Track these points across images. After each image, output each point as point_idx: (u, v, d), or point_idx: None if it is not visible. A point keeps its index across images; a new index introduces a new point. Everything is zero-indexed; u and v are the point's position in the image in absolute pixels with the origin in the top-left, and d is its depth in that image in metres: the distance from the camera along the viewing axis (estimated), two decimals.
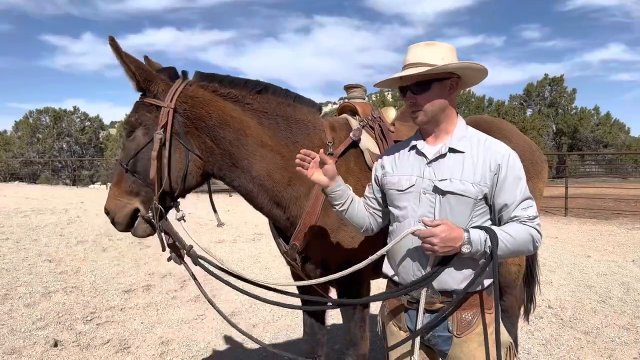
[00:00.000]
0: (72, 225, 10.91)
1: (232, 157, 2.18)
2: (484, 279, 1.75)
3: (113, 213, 2.13)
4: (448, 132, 1.81)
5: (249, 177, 2.22)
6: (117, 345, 4.20)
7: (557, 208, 13.83)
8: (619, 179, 30.32)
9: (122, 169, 2.12)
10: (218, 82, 2.23)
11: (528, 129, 29.69)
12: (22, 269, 6.80)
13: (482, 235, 1.64)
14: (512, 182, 1.71)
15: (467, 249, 1.63)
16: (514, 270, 3.13)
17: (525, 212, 1.70)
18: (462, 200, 1.71)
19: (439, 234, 1.60)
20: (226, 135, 2.15)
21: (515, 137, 3.07)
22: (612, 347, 4.09)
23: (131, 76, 2.09)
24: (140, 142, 2.09)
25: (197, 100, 2.14)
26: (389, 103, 34.05)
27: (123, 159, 2.13)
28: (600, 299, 5.43)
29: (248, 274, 2.77)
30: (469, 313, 1.78)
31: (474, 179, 1.71)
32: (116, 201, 2.12)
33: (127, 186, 2.11)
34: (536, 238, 1.70)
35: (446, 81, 1.77)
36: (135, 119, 2.11)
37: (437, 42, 1.80)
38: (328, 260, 2.34)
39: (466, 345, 1.77)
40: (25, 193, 20.87)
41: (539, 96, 39.36)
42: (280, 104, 2.33)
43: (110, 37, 2.00)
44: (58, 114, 36.19)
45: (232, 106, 2.21)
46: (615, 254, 7.82)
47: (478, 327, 1.77)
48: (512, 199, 1.70)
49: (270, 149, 2.23)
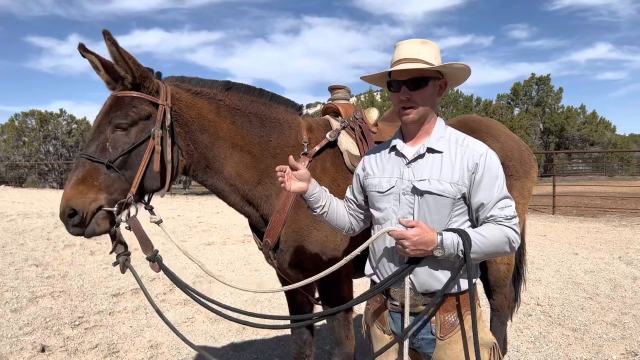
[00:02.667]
0: (59, 229, 10.76)
1: (206, 159, 2.22)
2: (467, 280, 1.73)
3: (83, 211, 1.90)
4: (428, 132, 1.82)
5: (221, 177, 2.27)
6: (106, 349, 4.15)
7: (544, 206, 13.97)
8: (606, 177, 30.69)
9: (93, 164, 1.94)
10: (188, 82, 2.28)
11: (516, 128, 29.92)
12: (9, 273, 6.70)
13: (455, 238, 1.63)
14: (488, 182, 1.70)
15: (439, 252, 1.63)
16: (503, 269, 3.14)
17: (502, 211, 1.69)
18: (440, 200, 1.71)
19: (411, 237, 1.61)
20: (204, 139, 2.20)
21: (504, 137, 3.08)
22: (600, 343, 4.13)
23: (127, 71, 2.00)
24: (138, 138, 2.00)
25: (182, 103, 2.16)
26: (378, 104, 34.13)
27: (98, 153, 1.95)
28: (587, 295, 5.48)
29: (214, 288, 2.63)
30: (451, 315, 1.77)
31: (452, 179, 1.71)
32: (84, 199, 1.90)
33: (99, 182, 1.93)
34: (512, 239, 1.68)
35: (437, 81, 1.79)
36: (134, 113, 2.01)
37: (429, 41, 1.80)
38: (302, 258, 2.37)
39: (450, 348, 1.76)
40: (12, 197, 20.60)
41: (526, 95, 39.69)
42: (253, 102, 2.39)
43: (106, 31, 1.93)
44: (44, 116, 35.72)
45: (208, 106, 2.24)
46: (602, 251, 7.91)
47: (462, 329, 1.76)
48: (489, 198, 1.69)
49: (241, 149, 2.28)
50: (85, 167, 1.94)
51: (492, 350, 1.83)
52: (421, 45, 1.77)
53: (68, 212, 1.90)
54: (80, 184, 1.91)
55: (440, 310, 1.77)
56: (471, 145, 1.76)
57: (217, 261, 7.60)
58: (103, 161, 1.94)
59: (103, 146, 1.97)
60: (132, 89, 2.04)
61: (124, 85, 2.04)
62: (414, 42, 1.79)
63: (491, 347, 1.82)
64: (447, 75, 1.83)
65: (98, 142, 1.97)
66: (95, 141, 1.97)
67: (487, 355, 1.80)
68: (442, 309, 1.77)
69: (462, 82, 1.91)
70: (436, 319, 1.77)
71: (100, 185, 1.93)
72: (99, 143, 1.97)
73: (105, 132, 1.98)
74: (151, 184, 2.05)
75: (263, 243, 2.38)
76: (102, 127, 2.00)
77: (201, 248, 8.60)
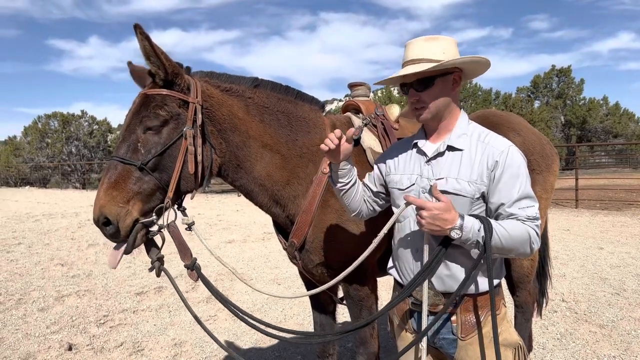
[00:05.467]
0: (83, 229, 10.98)
1: (237, 158, 2.16)
2: (488, 280, 1.66)
3: (118, 221, 1.81)
4: (449, 129, 1.78)
5: (251, 178, 2.21)
6: (131, 347, 4.22)
7: (567, 200, 13.72)
8: (630, 169, 30.04)
9: (126, 167, 1.85)
10: (217, 78, 2.21)
11: (536, 121, 29.43)
12: (35, 273, 6.86)
13: (477, 224, 1.57)
14: (508, 180, 1.64)
15: (456, 234, 1.56)
16: (527, 264, 3.09)
17: (523, 211, 1.62)
18: (457, 199, 1.66)
19: (431, 208, 1.55)
20: (235, 138, 2.13)
21: (524, 131, 3.03)
22: (629, 340, 4.04)
23: (159, 67, 1.91)
24: (170, 138, 1.92)
25: (213, 100, 2.09)
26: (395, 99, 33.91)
27: (130, 155, 1.87)
28: (614, 291, 5.37)
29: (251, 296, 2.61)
30: (472, 315, 1.74)
31: (471, 177, 1.67)
32: (119, 208, 1.81)
33: (134, 187, 1.84)
34: (533, 239, 1.62)
35: (449, 76, 1.73)
36: (166, 112, 1.92)
37: (437, 36, 1.75)
38: (328, 258, 2.34)
39: (472, 348, 1.74)
40: (36, 198, 21.06)
41: (547, 87, 39.05)
42: (280, 100, 2.33)
43: (137, 25, 1.82)
44: (66, 118, 36.39)
45: (237, 104, 2.18)
46: (628, 245, 7.74)
47: (484, 329, 1.73)
48: (509, 197, 1.63)
49: (270, 149, 2.23)
50: (118, 170, 1.85)
51: (517, 350, 1.78)
52: (426, 43, 1.73)
53: (102, 220, 1.81)
54: (113, 189, 1.82)
55: (461, 310, 1.74)
56: (492, 142, 1.71)
57: (238, 259, 7.65)
58: (135, 163, 1.85)
59: (135, 148, 1.88)
60: (163, 86, 1.95)
61: (155, 82, 1.96)
62: (418, 42, 1.75)
63: (516, 347, 1.78)
64: (463, 68, 1.77)
65: (129, 144, 1.89)
66: (126, 142, 1.89)
67: (511, 356, 1.76)
68: (464, 308, 1.74)
69: (481, 73, 1.85)
70: (457, 319, 1.74)
71: (133, 190, 1.84)
72: (130, 144, 1.89)
73: (136, 132, 1.90)
74: (185, 186, 1.98)
75: (289, 243, 2.35)
76: (133, 127, 1.91)
77: (222, 246, 8.66)
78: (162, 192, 1.91)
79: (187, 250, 1.99)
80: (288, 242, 2.35)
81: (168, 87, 1.96)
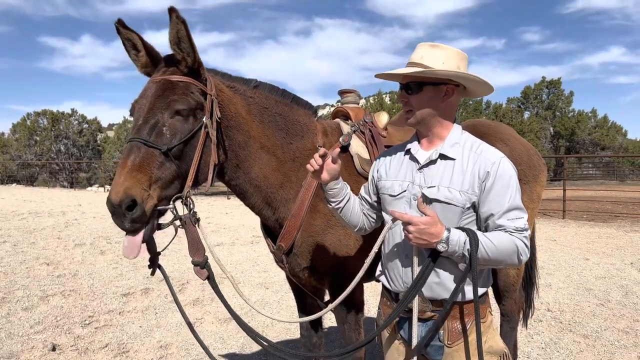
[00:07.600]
0: (70, 228, 10.87)
1: (238, 157, 2.16)
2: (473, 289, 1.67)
3: (144, 203, 1.70)
4: (442, 137, 1.79)
5: (248, 178, 2.22)
6: (116, 349, 4.18)
7: (554, 211, 13.85)
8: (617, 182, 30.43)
9: (149, 150, 1.75)
10: (222, 76, 2.22)
11: (525, 132, 29.71)
12: (20, 272, 6.77)
13: (463, 237, 1.59)
14: (499, 191, 1.65)
15: (442, 247, 1.59)
16: (513, 274, 3.12)
17: (512, 222, 1.64)
18: (448, 208, 1.68)
19: (418, 223, 1.58)
20: (238, 137, 2.14)
21: (512, 141, 3.06)
22: (612, 350, 4.09)
23: (189, 54, 1.87)
24: (193, 127, 1.87)
25: (224, 95, 2.09)
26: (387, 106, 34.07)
27: (154, 138, 1.78)
28: (599, 302, 5.43)
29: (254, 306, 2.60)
30: (459, 322, 1.75)
31: (462, 187, 1.68)
32: (143, 190, 1.70)
33: (157, 172, 1.75)
34: (521, 250, 1.63)
35: (441, 86, 1.74)
36: (193, 100, 1.87)
37: (443, 45, 1.76)
38: (315, 262, 2.36)
39: (458, 355, 1.75)
40: (23, 195, 20.82)
41: (537, 99, 39.44)
42: (278, 102, 2.36)
43: (173, 8, 1.74)
44: (56, 116, 36.06)
45: (241, 102, 2.19)
46: (613, 256, 7.83)
47: (470, 337, 1.74)
48: (499, 208, 1.65)
49: (268, 151, 2.24)
50: (141, 152, 1.74)
51: (502, 358, 1.80)
52: (428, 49, 1.75)
53: (127, 202, 1.66)
54: (138, 172, 1.71)
55: (448, 318, 1.75)
56: (484, 152, 1.73)
57: (226, 262, 7.61)
58: (161, 147, 1.76)
59: (160, 131, 1.79)
60: (186, 74, 1.91)
61: (179, 69, 1.91)
62: (424, 46, 1.77)
63: (501, 355, 1.80)
64: (465, 85, 1.79)
65: (152, 126, 1.79)
66: (149, 124, 1.79)
67: None
68: (451, 316, 1.75)
69: (483, 95, 1.89)
70: (444, 326, 1.76)
71: (156, 175, 1.75)
72: (154, 127, 1.79)
73: (163, 116, 1.81)
74: (200, 178, 1.93)
75: (276, 247, 2.36)
76: (157, 110, 1.81)
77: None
78: (179, 181, 1.84)
79: (200, 245, 1.90)
80: (276, 246, 2.37)
81: (192, 76, 1.92)
